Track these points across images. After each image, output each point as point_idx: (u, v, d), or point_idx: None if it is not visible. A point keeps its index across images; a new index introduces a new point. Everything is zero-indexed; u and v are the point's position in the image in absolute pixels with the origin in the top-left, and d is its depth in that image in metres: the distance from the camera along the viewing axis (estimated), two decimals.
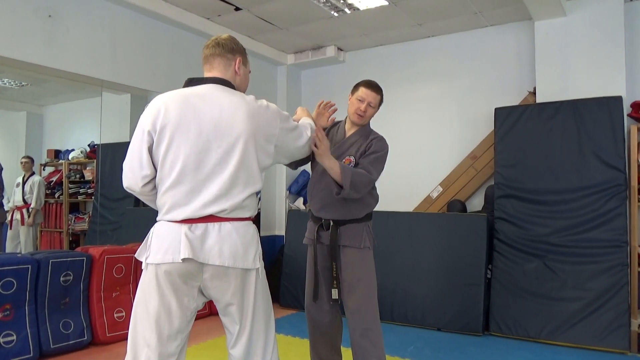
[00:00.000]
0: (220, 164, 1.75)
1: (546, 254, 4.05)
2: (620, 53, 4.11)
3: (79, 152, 6.68)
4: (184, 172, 1.74)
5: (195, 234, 1.73)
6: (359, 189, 2.40)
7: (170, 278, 1.73)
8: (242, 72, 1.96)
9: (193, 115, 1.76)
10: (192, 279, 1.76)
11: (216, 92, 1.82)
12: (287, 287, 5.12)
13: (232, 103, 1.80)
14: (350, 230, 2.57)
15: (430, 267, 4.45)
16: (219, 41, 1.92)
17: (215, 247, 1.73)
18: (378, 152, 2.55)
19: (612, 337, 3.70)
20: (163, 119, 1.75)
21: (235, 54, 1.93)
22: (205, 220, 1.74)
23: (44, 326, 3.48)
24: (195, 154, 1.74)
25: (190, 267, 1.73)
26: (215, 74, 1.89)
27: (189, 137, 1.74)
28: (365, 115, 2.60)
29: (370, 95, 2.59)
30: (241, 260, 1.77)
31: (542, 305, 3.99)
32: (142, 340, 1.74)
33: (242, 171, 1.78)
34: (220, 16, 4.78)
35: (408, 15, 4.75)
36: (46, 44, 3.72)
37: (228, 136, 1.76)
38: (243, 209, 1.81)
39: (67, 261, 3.64)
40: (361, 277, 2.55)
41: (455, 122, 5.17)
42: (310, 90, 6.07)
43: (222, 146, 1.75)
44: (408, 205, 5.19)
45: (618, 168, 3.90)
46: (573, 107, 4.12)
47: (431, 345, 3.85)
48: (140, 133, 1.79)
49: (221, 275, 1.77)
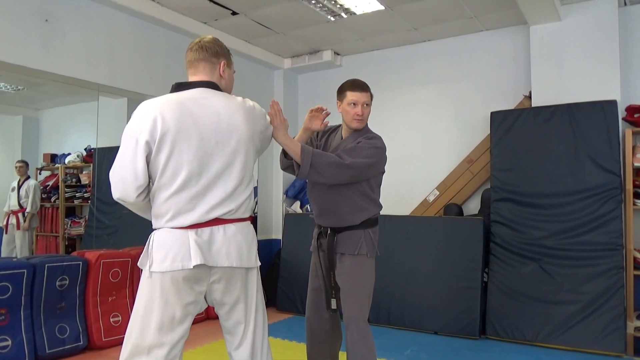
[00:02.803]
0: (226, 167, 1.78)
1: (542, 257, 4.06)
2: (615, 57, 4.14)
3: (75, 156, 6.66)
4: (188, 179, 1.73)
5: (202, 238, 1.74)
6: (323, 170, 2.27)
7: (176, 285, 1.72)
8: (227, 74, 1.96)
9: (192, 121, 1.75)
10: (199, 285, 1.78)
11: (208, 96, 1.83)
12: (284, 291, 5.11)
13: (227, 106, 1.83)
14: (346, 237, 2.51)
15: (427, 270, 4.45)
16: (203, 45, 1.91)
17: (223, 249, 1.77)
18: (361, 144, 2.43)
19: (608, 340, 3.71)
20: (162, 127, 1.71)
21: (219, 57, 1.92)
22: (210, 224, 1.76)
23: (39, 331, 3.46)
24: (198, 160, 1.74)
25: (200, 272, 1.75)
26: (201, 77, 1.88)
27: (190, 144, 1.73)
28: (364, 117, 2.52)
29: (363, 96, 2.50)
30: (246, 260, 1.84)
31: (538, 308, 3.99)
32: (142, 347, 1.72)
33: (245, 171, 1.83)
34: (217, 20, 4.79)
35: (404, 19, 4.77)
36: (43, 48, 3.72)
37: (230, 139, 1.79)
38: (245, 209, 1.85)
39: (62, 265, 3.63)
40: (353, 284, 2.48)
41: (452, 126, 5.18)
42: (307, 95, 6.07)
43: (226, 150, 1.78)
44: (405, 209, 5.20)
45: (613, 171, 3.92)
46: (568, 111, 4.14)
47: (428, 349, 3.85)
48: (134, 143, 1.72)
49: (228, 276, 1.81)
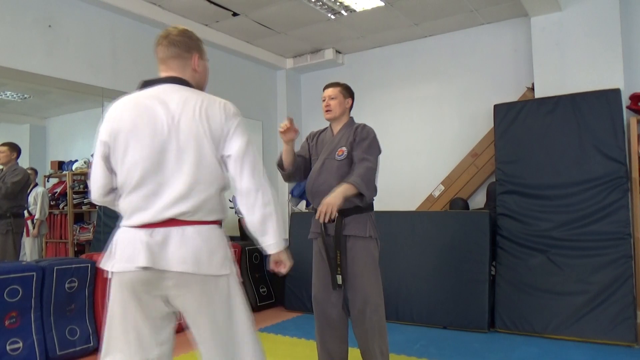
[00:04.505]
0: (178, 164, 1.66)
1: (550, 249, 4.04)
2: (617, 45, 4.12)
3: (82, 163, 6.73)
4: (143, 176, 1.66)
5: (156, 239, 1.62)
6: (369, 181, 2.65)
7: (132, 287, 1.65)
8: (201, 68, 1.85)
9: (147, 118, 1.68)
10: (153, 288, 1.66)
11: (170, 92, 1.73)
12: (291, 289, 5.12)
13: (185, 102, 1.70)
14: (354, 220, 2.68)
15: (434, 265, 4.44)
16: (172, 40, 1.80)
17: (177, 252, 1.61)
18: (366, 138, 2.73)
19: (618, 330, 3.68)
20: (118, 125, 1.69)
21: (191, 51, 1.82)
22: (166, 225, 1.63)
23: (49, 333, 3.49)
24: (151, 157, 1.65)
25: (150, 275, 1.62)
26: (171, 74, 1.80)
27: (144, 141, 1.66)
28: (331, 107, 2.82)
29: (328, 91, 2.85)
30: (206, 266, 1.63)
31: (547, 300, 3.97)
32: (114, 346, 1.69)
33: (200, 169, 1.67)
34: (219, 22, 4.83)
35: (404, 15, 4.78)
36: (47, 54, 3.76)
37: (181, 135, 1.66)
38: (207, 211, 1.68)
39: (71, 268, 3.66)
40: (366, 265, 2.67)
41: (455, 121, 5.18)
42: (310, 94, 6.09)
43: (178, 146, 1.66)
44: (410, 205, 5.19)
45: (619, 160, 3.89)
46: (572, 101, 4.12)
47: (437, 343, 3.83)
48: (97, 144, 1.74)
49: (185, 283, 1.63)
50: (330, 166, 2.75)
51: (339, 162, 2.74)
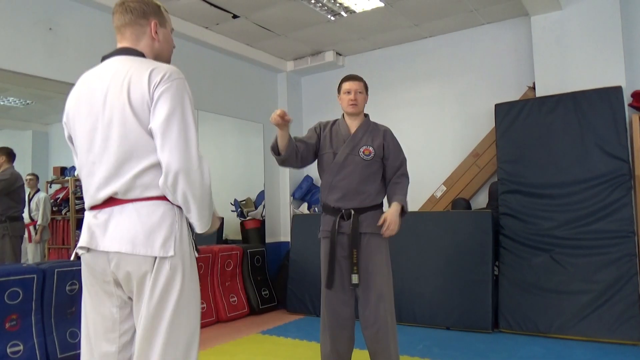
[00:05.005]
0: (105, 141, 1.55)
1: (553, 248, 4.02)
2: (618, 43, 4.11)
3: None
4: (82, 157, 1.61)
5: (100, 220, 1.55)
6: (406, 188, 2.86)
7: (88, 269, 1.62)
8: (161, 35, 1.71)
9: (86, 96, 1.61)
10: (102, 272, 1.57)
11: (116, 65, 1.60)
12: (294, 292, 5.10)
13: (115, 73, 1.57)
14: (370, 217, 2.70)
15: (437, 266, 4.42)
16: (127, 6, 1.66)
17: (114, 232, 1.52)
18: (399, 147, 2.85)
19: (623, 328, 3.64)
20: (68, 106, 1.67)
21: (148, 17, 1.67)
22: (108, 205, 1.55)
23: (50, 336, 3.48)
24: (87, 136, 1.58)
25: (97, 258, 1.56)
26: (124, 44, 1.67)
27: (82, 120, 1.60)
28: (358, 102, 2.78)
29: (354, 84, 2.80)
30: (142, 246, 1.49)
31: (551, 299, 3.94)
32: (84, 334, 1.64)
33: (127, 145, 1.52)
34: (219, 24, 4.84)
35: (404, 16, 4.78)
36: (47, 56, 3.78)
37: (107, 110, 1.55)
38: (143, 187, 1.53)
39: (72, 270, 3.65)
40: (381, 262, 2.72)
41: (456, 121, 5.17)
42: (310, 96, 6.09)
43: (104, 122, 1.55)
44: (412, 206, 5.14)
45: (621, 158, 3.87)
46: (573, 100, 4.11)
47: (440, 344, 3.80)
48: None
49: (124, 264, 1.52)
50: (354, 163, 2.71)
51: (366, 161, 2.72)
